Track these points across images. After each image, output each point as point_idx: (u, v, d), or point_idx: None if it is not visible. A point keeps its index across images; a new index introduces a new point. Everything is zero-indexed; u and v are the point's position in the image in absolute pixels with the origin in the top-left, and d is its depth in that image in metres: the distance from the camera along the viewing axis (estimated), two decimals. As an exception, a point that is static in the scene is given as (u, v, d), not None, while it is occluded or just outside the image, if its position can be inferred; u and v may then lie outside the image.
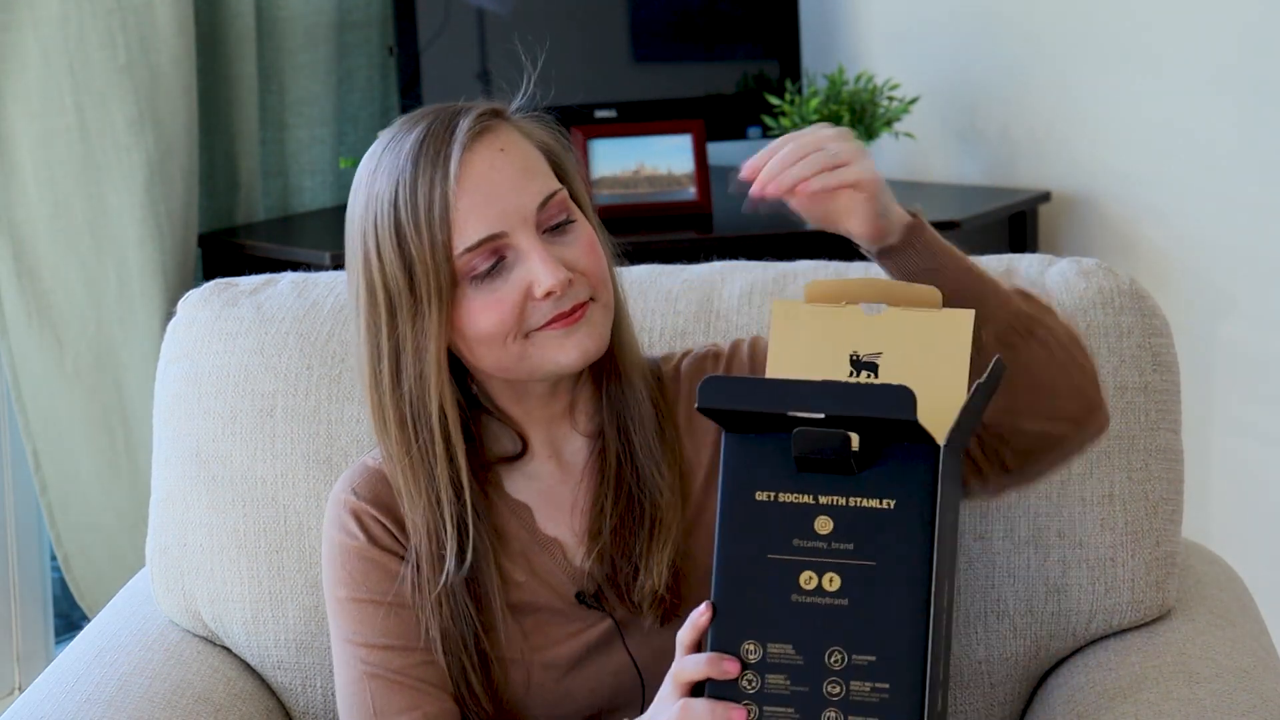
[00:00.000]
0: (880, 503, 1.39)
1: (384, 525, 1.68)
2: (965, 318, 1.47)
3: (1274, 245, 3.07)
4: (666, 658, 1.50)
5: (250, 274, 2.05)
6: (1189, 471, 1.97)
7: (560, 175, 1.65)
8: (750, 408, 1.39)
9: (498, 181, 1.59)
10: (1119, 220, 3.20)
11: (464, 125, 1.60)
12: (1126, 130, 3.17)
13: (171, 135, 2.97)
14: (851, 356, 1.48)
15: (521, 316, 1.59)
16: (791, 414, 1.37)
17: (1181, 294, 3.14)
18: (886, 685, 1.38)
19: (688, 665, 1.44)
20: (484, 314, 1.59)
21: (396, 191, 1.59)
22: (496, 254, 1.59)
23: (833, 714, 1.39)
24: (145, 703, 1.80)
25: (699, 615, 1.44)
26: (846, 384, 1.38)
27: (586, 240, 1.62)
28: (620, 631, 1.67)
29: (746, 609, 1.40)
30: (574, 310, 1.60)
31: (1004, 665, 1.88)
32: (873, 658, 1.38)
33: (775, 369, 1.49)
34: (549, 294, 1.58)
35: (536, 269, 1.58)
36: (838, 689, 1.39)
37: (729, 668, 1.41)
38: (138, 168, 2.93)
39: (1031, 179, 3.27)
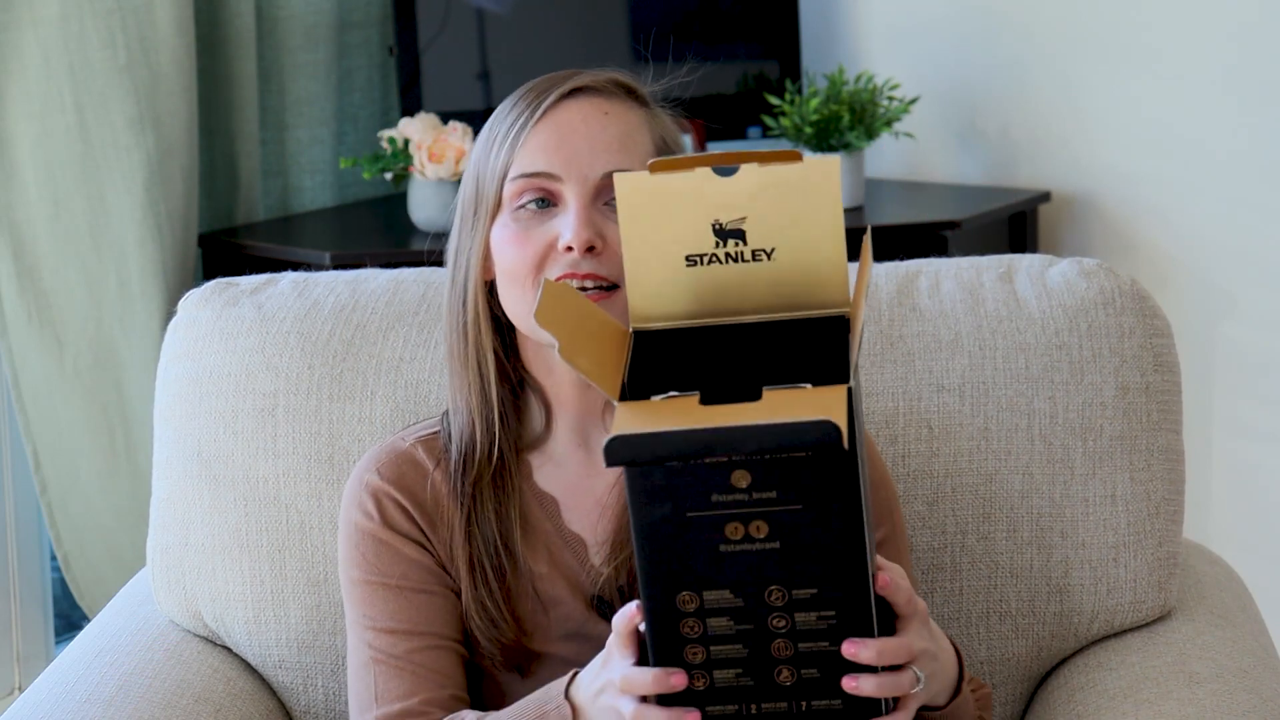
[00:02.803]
0: (798, 451, 1.31)
1: (403, 508, 1.69)
2: (830, 164, 1.37)
3: (1274, 245, 3.07)
4: None
5: (250, 274, 2.05)
6: (1189, 471, 1.97)
7: None
8: (667, 459, 1.31)
9: (581, 133, 1.63)
10: (1119, 220, 3.20)
11: (582, 77, 1.65)
12: (1126, 130, 3.17)
13: (171, 135, 2.97)
14: (714, 225, 1.39)
15: (541, 265, 1.62)
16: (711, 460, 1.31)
17: (1181, 294, 3.14)
18: (832, 613, 1.35)
19: (634, 678, 1.40)
20: (510, 246, 1.63)
21: (500, 112, 1.67)
22: (545, 194, 1.63)
23: (781, 644, 1.36)
24: (145, 703, 1.80)
25: (632, 613, 1.41)
26: (763, 425, 1.28)
27: None
28: None
29: (675, 565, 1.34)
30: (595, 289, 1.61)
31: (1005, 666, 1.88)
32: (814, 590, 1.34)
33: (630, 250, 1.41)
34: (569, 249, 1.60)
35: (569, 221, 1.61)
36: (783, 622, 1.35)
37: (676, 681, 1.38)
38: (138, 168, 2.93)
39: (1031, 179, 3.27)
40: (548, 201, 1.63)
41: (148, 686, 1.83)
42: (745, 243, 1.38)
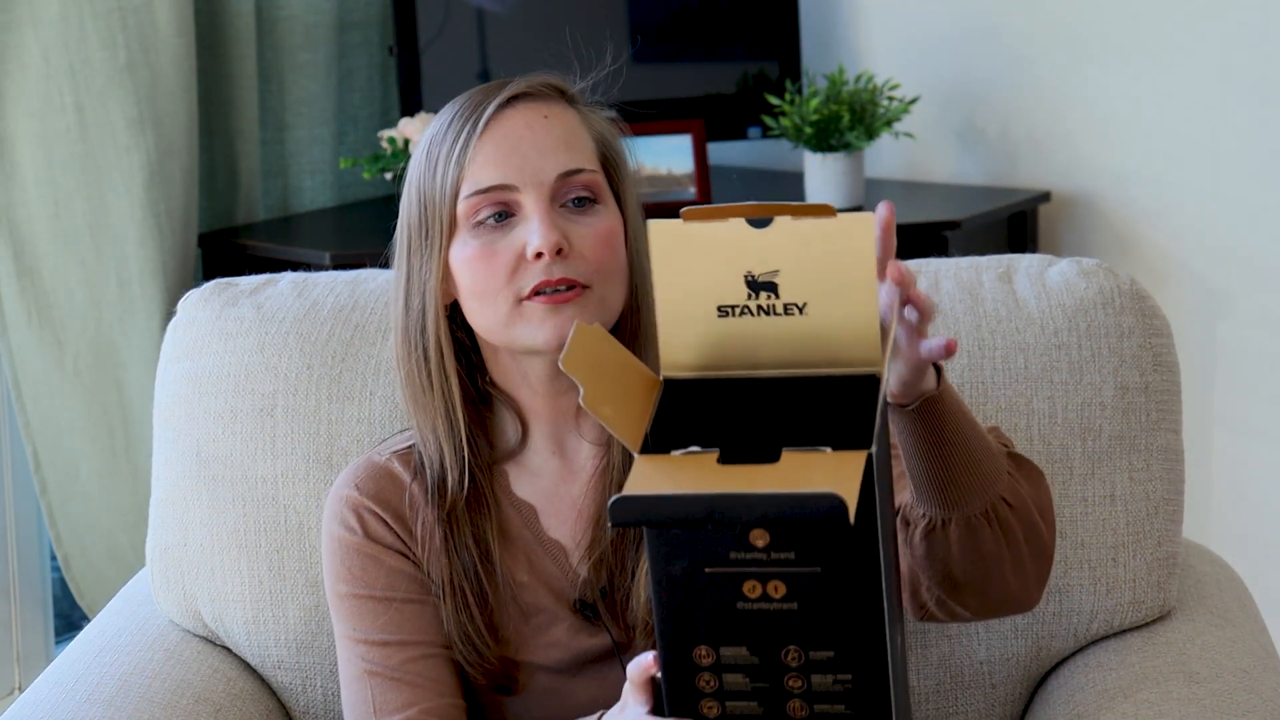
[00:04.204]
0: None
1: (383, 520, 1.68)
2: (864, 221, 1.35)
3: (1274, 245, 3.07)
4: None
5: (250, 274, 2.05)
6: (1189, 471, 1.97)
7: (607, 170, 1.66)
8: (671, 522, 1.31)
9: (527, 140, 1.61)
10: (1119, 220, 3.20)
11: (516, 85, 1.63)
12: (1126, 130, 3.17)
13: (171, 135, 2.97)
14: (746, 277, 1.37)
15: (512, 277, 1.60)
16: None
17: (1181, 294, 3.14)
18: (849, 676, 1.34)
19: None
20: (476, 264, 1.61)
21: (437, 131, 1.64)
22: (503, 206, 1.61)
23: (797, 704, 1.35)
24: (145, 703, 1.80)
25: (648, 663, 1.41)
26: (766, 495, 1.28)
27: (604, 229, 1.62)
28: (618, 651, 1.67)
29: (692, 619, 1.35)
30: (567, 290, 1.59)
31: (1005, 666, 1.88)
32: (830, 653, 1.34)
33: (663, 297, 1.39)
34: (538, 255, 1.59)
35: (533, 227, 1.59)
36: (799, 682, 1.35)
37: None
38: (138, 168, 2.93)
39: (1031, 179, 3.27)
40: (506, 213, 1.61)
41: (148, 686, 1.83)
42: (777, 296, 1.37)
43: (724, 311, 1.38)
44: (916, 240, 2.95)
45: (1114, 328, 1.87)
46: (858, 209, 3.10)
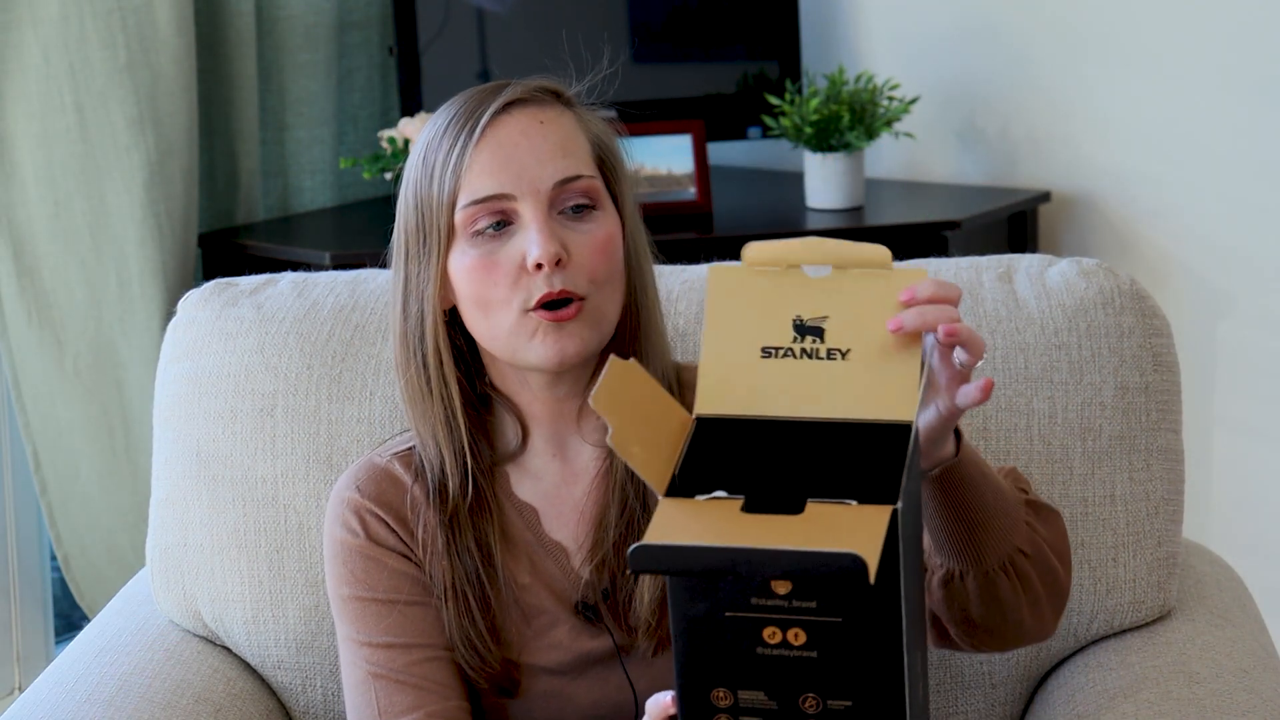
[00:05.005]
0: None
1: (385, 523, 1.68)
2: (919, 277, 1.38)
3: (1274, 245, 3.07)
4: (662, 686, 1.48)
5: (250, 274, 2.05)
6: (1189, 471, 1.97)
7: (605, 173, 1.65)
8: (691, 573, 1.31)
9: (524, 147, 1.60)
10: (1119, 220, 3.20)
11: (511, 90, 1.62)
12: (1126, 130, 3.17)
13: (171, 135, 2.97)
14: (794, 321, 1.39)
15: (515, 288, 1.59)
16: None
17: (1181, 294, 3.14)
18: None
19: None
20: (476, 274, 1.60)
21: (432, 138, 1.63)
22: (501, 215, 1.60)
23: None
24: (145, 703, 1.80)
25: (666, 702, 1.41)
26: (786, 552, 1.28)
27: (601, 237, 1.61)
28: (619, 653, 1.67)
29: (711, 661, 1.35)
30: (568, 305, 1.59)
31: (1005, 666, 1.88)
32: (849, 702, 1.33)
33: (712, 338, 1.40)
34: (538, 266, 1.57)
35: (532, 237, 1.58)
36: None
37: None
38: (138, 168, 2.93)
39: (1031, 179, 3.27)
40: (504, 222, 1.60)
41: (148, 686, 1.83)
42: (822, 340, 1.38)
43: (768, 353, 1.39)
44: (917, 240, 2.95)
45: (1114, 328, 1.87)
46: (858, 209, 3.10)
